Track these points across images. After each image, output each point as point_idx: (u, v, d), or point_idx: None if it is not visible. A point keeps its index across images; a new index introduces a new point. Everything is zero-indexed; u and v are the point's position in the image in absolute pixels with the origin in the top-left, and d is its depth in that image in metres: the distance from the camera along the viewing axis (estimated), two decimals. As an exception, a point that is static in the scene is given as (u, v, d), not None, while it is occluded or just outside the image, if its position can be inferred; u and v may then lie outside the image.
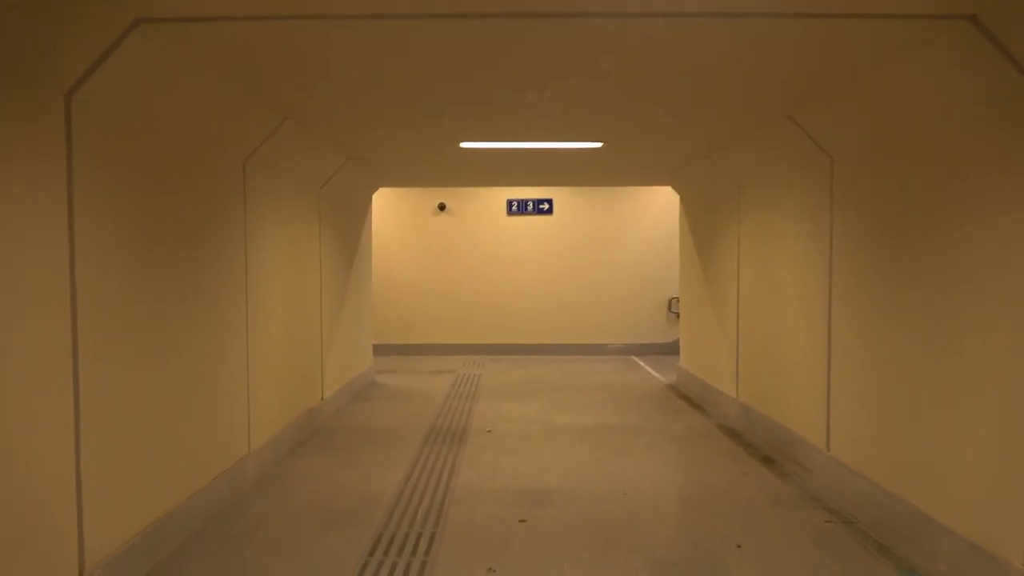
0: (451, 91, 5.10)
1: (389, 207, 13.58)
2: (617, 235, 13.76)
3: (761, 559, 4.40)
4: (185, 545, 4.56)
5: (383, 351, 12.93)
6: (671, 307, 13.64)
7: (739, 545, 4.58)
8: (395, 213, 13.68)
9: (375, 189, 10.80)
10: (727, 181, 8.24)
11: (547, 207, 13.84)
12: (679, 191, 10.68)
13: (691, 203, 10.19)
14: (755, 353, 7.58)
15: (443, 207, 13.78)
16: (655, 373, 11.57)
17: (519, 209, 13.85)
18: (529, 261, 13.81)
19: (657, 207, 13.58)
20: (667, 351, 13.33)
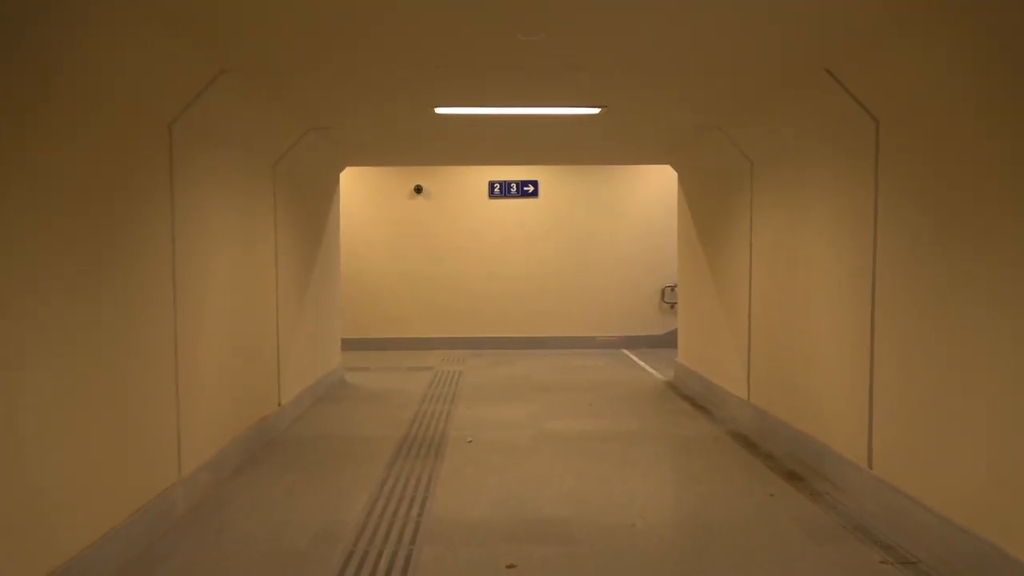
0: (424, 34, 4.13)
1: (360, 189, 12.54)
2: (607, 220, 12.80)
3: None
4: (81, 609, 3.56)
5: (355, 346, 12.01)
6: (664, 296, 12.75)
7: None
8: (367, 195, 12.64)
9: (342, 167, 9.78)
10: (738, 156, 7.31)
11: (532, 189, 12.84)
12: (678, 169, 9.75)
13: (693, 182, 9.24)
14: (771, 349, 6.67)
15: (420, 189, 12.75)
16: (650, 369, 10.68)
17: (502, 191, 12.83)
18: (513, 248, 12.81)
19: (650, 189, 12.64)
20: (660, 343, 12.44)
